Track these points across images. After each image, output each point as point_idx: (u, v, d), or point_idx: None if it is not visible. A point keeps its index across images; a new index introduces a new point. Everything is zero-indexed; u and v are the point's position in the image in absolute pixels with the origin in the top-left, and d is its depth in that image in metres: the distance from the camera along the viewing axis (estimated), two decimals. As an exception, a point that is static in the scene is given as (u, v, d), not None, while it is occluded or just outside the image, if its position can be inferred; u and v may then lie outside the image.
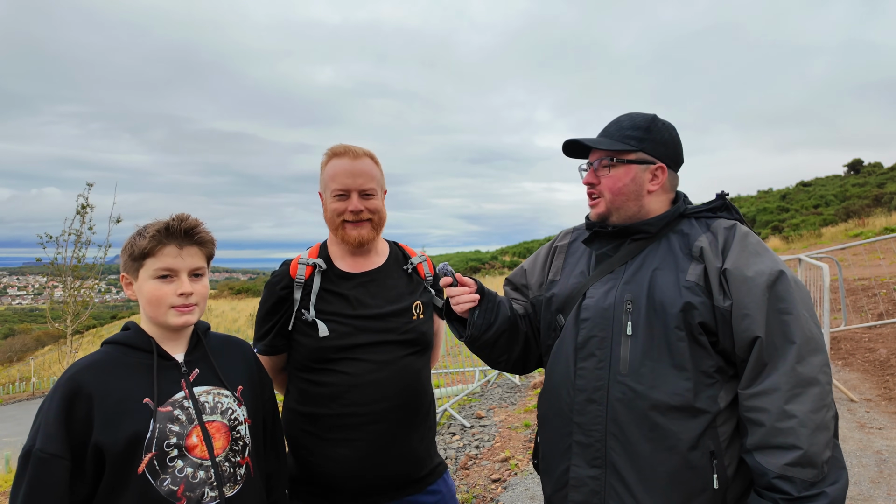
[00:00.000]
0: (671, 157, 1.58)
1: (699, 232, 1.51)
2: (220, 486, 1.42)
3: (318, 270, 1.86)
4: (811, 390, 1.31)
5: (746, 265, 1.40)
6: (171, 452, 1.36)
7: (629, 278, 1.50)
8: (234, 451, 1.47)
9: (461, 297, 1.63)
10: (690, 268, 1.45)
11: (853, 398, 5.43)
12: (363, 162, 1.83)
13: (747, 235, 1.47)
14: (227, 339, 1.66)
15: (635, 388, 1.42)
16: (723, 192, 1.61)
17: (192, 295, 1.46)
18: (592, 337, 1.50)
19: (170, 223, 1.45)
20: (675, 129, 1.61)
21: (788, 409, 1.30)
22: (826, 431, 1.31)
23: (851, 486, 3.70)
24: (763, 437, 1.32)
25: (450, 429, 5.85)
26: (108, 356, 1.41)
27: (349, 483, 1.78)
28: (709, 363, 1.41)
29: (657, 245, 1.53)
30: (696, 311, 1.39)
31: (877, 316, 8.41)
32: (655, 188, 1.56)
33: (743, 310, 1.37)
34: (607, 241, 1.61)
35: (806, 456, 1.28)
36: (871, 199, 30.47)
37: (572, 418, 1.50)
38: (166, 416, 1.38)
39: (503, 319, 1.68)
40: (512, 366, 1.78)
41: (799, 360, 1.33)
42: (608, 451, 1.44)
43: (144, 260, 1.43)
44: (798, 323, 1.35)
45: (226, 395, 1.50)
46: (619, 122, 1.61)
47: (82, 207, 8.82)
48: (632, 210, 1.56)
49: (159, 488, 1.34)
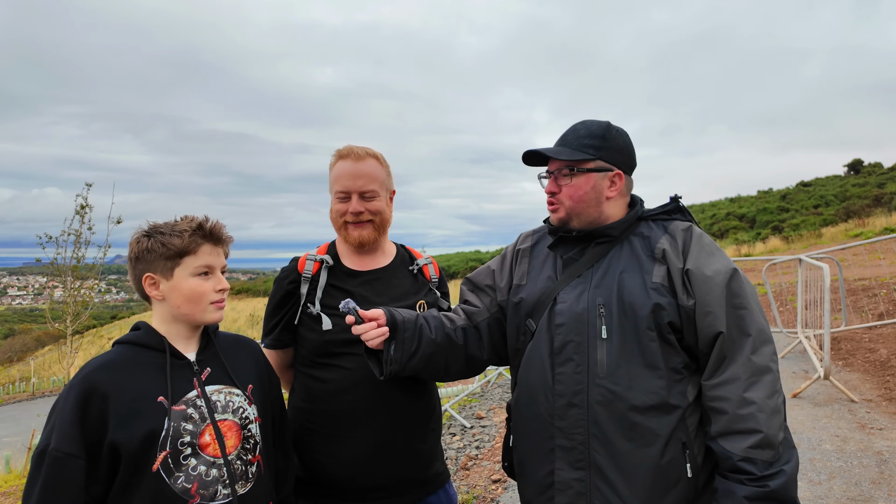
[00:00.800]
0: (626, 163, 1.65)
1: (658, 234, 1.59)
2: (233, 483, 1.43)
3: (326, 266, 1.89)
4: (765, 378, 1.42)
5: (705, 265, 1.49)
6: (185, 451, 1.38)
7: (598, 282, 1.56)
8: (245, 450, 1.49)
9: (369, 333, 1.60)
10: (655, 269, 1.52)
11: (854, 398, 5.43)
12: (365, 164, 1.85)
13: (702, 236, 1.57)
14: (236, 338, 1.67)
15: (614, 389, 1.46)
16: (676, 196, 1.69)
17: (226, 290, 1.53)
18: (569, 342, 1.52)
19: (203, 223, 1.50)
20: (628, 136, 1.68)
21: (747, 396, 1.41)
22: (779, 415, 1.42)
23: (852, 487, 3.70)
24: (726, 423, 1.42)
25: (450, 429, 5.85)
26: (121, 356, 1.43)
27: (350, 481, 1.78)
28: (677, 360, 1.49)
29: (620, 248, 1.60)
30: (665, 311, 1.47)
31: (877, 316, 8.41)
32: (614, 194, 1.62)
33: (706, 307, 1.46)
34: (572, 245, 1.66)
35: (765, 438, 1.38)
36: (872, 199, 30.47)
37: (553, 423, 1.52)
38: (180, 415, 1.39)
39: (428, 343, 1.67)
40: (453, 377, 1.81)
41: (754, 351, 1.44)
42: (591, 453, 1.48)
43: (182, 258, 1.46)
44: (752, 317, 1.46)
45: (237, 394, 1.51)
46: (575, 130, 1.66)
47: (81, 207, 8.82)
48: (592, 216, 1.62)
49: (173, 486, 1.35)
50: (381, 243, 1.95)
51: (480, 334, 1.77)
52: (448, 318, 1.78)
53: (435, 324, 1.72)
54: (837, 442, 4.46)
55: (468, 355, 1.76)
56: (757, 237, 29.99)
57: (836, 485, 3.75)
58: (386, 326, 1.63)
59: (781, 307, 9.98)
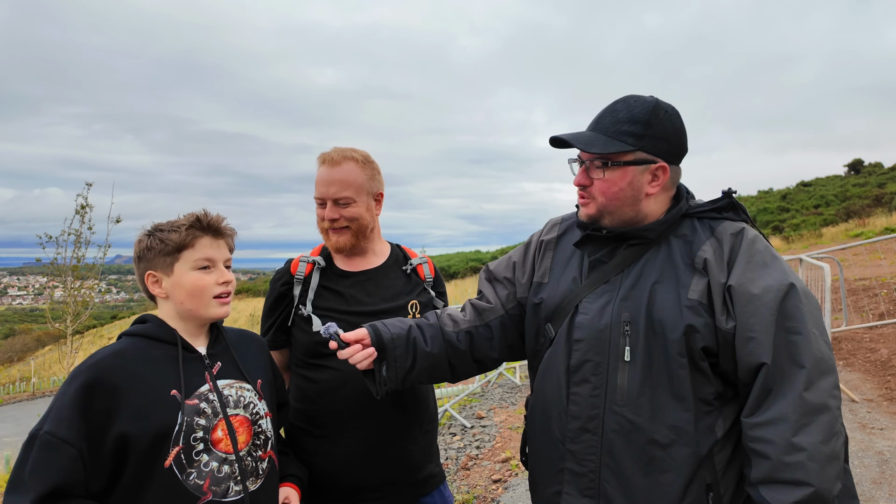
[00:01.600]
0: (673, 153, 1.40)
1: (703, 238, 1.37)
2: (244, 480, 1.41)
3: (318, 268, 1.90)
4: (821, 418, 1.21)
5: (752, 280, 1.27)
6: (198, 446, 1.36)
7: (626, 293, 1.37)
8: (256, 446, 1.47)
9: (355, 356, 1.51)
10: (693, 282, 1.32)
11: (855, 398, 5.43)
12: (341, 169, 1.82)
13: (755, 242, 1.34)
14: (243, 333, 1.66)
15: (633, 420, 1.31)
16: (730, 190, 1.43)
17: (230, 283, 1.50)
18: (587, 361, 1.37)
19: (201, 216, 1.46)
20: (678, 117, 1.41)
21: (797, 441, 1.19)
22: (836, 462, 1.21)
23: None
24: (769, 471, 1.22)
25: (450, 429, 5.85)
26: (132, 346, 1.39)
27: (341, 481, 1.78)
28: (708, 390, 1.31)
29: (656, 251, 1.39)
30: (699, 334, 1.28)
31: (878, 316, 8.40)
32: (655, 190, 1.39)
33: (748, 332, 1.25)
34: (601, 245, 1.45)
35: (817, 493, 1.18)
36: (872, 199, 30.46)
37: (565, 444, 1.40)
38: (193, 409, 1.37)
39: (424, 356, 1.55)
40: (463, 378, 1.69)
41: (808, 387, 1.22)
42: (602, 483, 1.35)
43: (181, 252, 1.43)
44: (808, 344, 1.23)
45: (248, 388, 1.50)
46: (614, 111, 1.40)
47: (81, 207, 8.81)
48: (628, 215, 1.41)
49: (185, 482, 1.33)
50: (370, 245, 1.94)
51: (492, 333, 1.63)
52: (452, 318, 1.64)
53: (431, 333, 1.59)
54: (838, 442, 4.47)
55: (475, 357, 1.63)
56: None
57: (837, 485, 3.75)
58: (372, 347, 1.52)
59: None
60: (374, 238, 1.95)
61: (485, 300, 1.67)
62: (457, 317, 1.65)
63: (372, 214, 1.90)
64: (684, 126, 1.43)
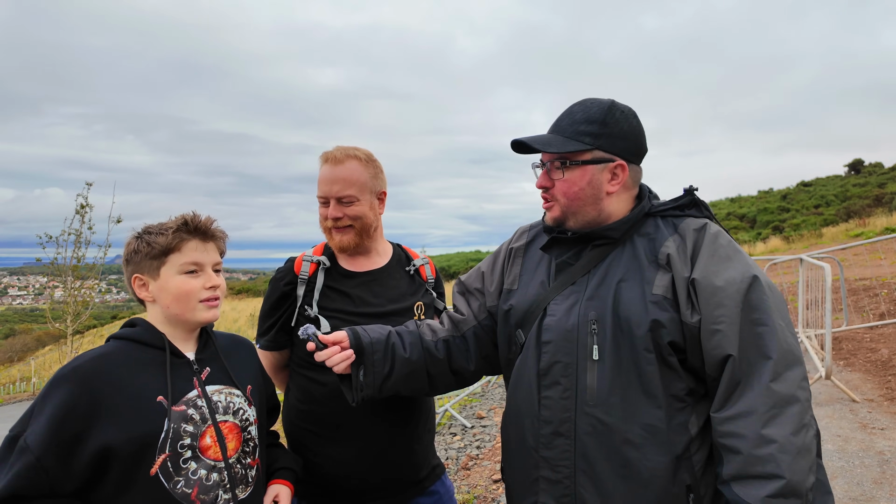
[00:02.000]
0: (632, 151, 1.42)
1: (666, 234, 1.38)
2: (234, 488, 1.39)
3: (322, 268, 1.87)
4: (790, 410, 1.21)
5: (716, 273, 1.28)
6: (185, 454, 1.33)
7: (592, 292, 1.37)
8: (245, 453, 1.45)
9: (333, 358, 1.49)
10: (657, 278, 1.32)
11: (855, 398, 5.42)
12: (344, 167, 1.81)
13: (718, 237, 1.35)
14: (232, 337, 1.63)
15: (605, 420, 1.30)
16: (691, 187, 1.46)
17: (219, 288, 1.45)
18: (556, 363, 1.36)
19: (188, 218, 1.42)
20: (635, 116, 1.44)
21: (766, 433, 1.19)
22: (808, 454, 1.21)
23: (854, 487, 3.70)
24: (741, 466, 1.21)
25: (451, 429, 5.84)
26: (118, 350, 1.36)
27: (348, 483, 1.77)
28: (679, 386, 1.30)
29: (621, 250, 1.40)
30: (665, 329, 1.28)
31: (878, 316, 8.40)
32: (616, 188, 1.41)
33: (713, 325, 1.25)
34: (567, 247, 1.47)
35: (789, 486, 1.17)
36: (872, 199, 30.45)
37: (538, 451, 1.38)
38: (180, 416, 1.34)
39: (402, 363, 1.54)
40: (440, 392, 1.66)
41: (775, 378, 1.22)
42: (578, 489, 1.32)
43: (167, 256, 1.40)
44: (774, 335, 1.23)
45: (237, 394, 1.47)
46: (571, 113, 1.43)
47: (81, 207, 8.82)
48: (590, 215, 1.42)
49: (173, 491, 1.30)
50: (373, 245, 1.93)
51: (467, 344, 1.63)
52: (431, 328, 1.65)
53: (410, 340, 1.58)
54: (839, 442, 4.46)
55: (453, 369, 1.61)
56: (757, 237, 29.97)
57: (837, 485, 3.75)
58: (350, 349, 1.51)
59: (782, 307, 9.96)
60: (377, 237, 1.94)
61: (459, 312, 1.68)
62: (435, 326, 1.66)
63: (375, 213, 1.89)
64: (642, 126, 1.45)
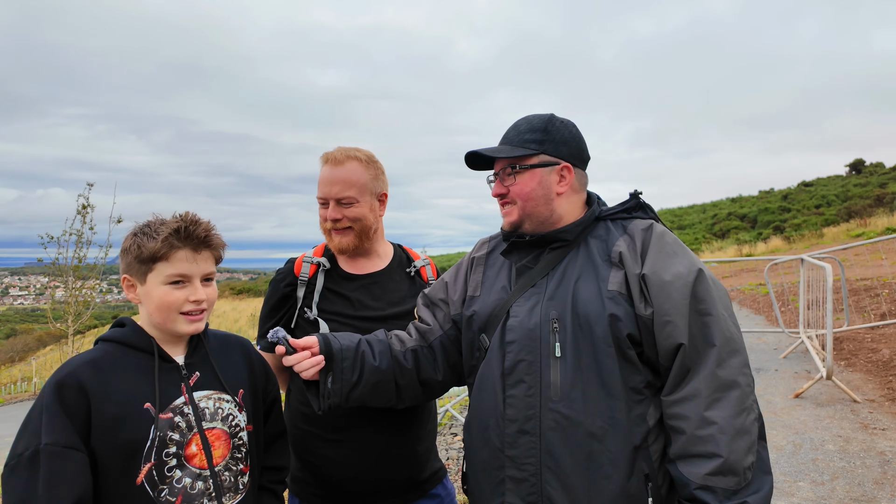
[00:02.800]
0: (575, 156, 1.53)
1: (616, 235, 1.47)
2: (220, 496, 1.37)
3: (322, 269, 1.86)
4: (731, 394, 1.29)
5: (665, 269, 1.37)
6: (170, 462, 1.30)
7: (552, 293, 1.44)
8: (235, 460, 1.42)
9: (302, 364, 1.49)
10: (611, 275, 1.40)
11: (856, 399, 5.41)
12: (344, 168, 1.80)
13: (664, 235, 1.44)
14: (226, 337, 1.58)
15: (568, 414, 1.34)
16: (636, 191, 1.57)
17: (204, 301, 1.39)
18: (520, 361, 1.41)
19: (182, 226, 1.36)
20: (574, 126, 1.57)
21: (708, 415, 1.28)
22: (747, 435, 1.28)
23: (855, 488, 3.69)
24: (684, 445, 1.30)
25: (451, 429, 5.84)
26: (107, 355, 1.33)
27: (349, 484, 1.77)
28: (637, 379, 1.37)
29: (576, 252, 1.49)
30: (622, 322, 1.35)
31: (879, 316, 8.38)
32: (564, 189, 1.51)
33: (664, 316, 1.33)
34: (526, 251, 1.55)
35: (726, 464, 1.25)
36: (873, 199, 30.43)
37: (504, 451, 1.40)
38: (167, 423, 1.31)
39: (371, 371, 1.55)
40: (407, 404, 1.67)
41: (719, 364, 1.30)
42: (544, 486, 1.35)
43: (155, 263, 1.34)
44: (718, 324, 1.33)
45: (227, 399, 1.43)
46: (517, 126, 1.56)
47: (83, 207, 8.83)
48: (543, 215, 1.51)
49: (157, 499, 1.28)
50: (373, 247, 1.92)
51: (434, 354, 1.65)
52: (399, 338, 1.67)
53: (380, 348, 1.60)
54: (840, 442, 4.44)
55: (421, 379, 1.63)
56: (758, 237, 29.95)
57: (838, 485, 3.73)
58: (321, 355, 1.51)
59: (783, 307, 9.96)
60: (377, 239, 1.92)
61: (424, 323, 1.71)
62: (403, 337, 1.68)
63: (375, 215, 1.87)
64: (582, 135, 1.58)
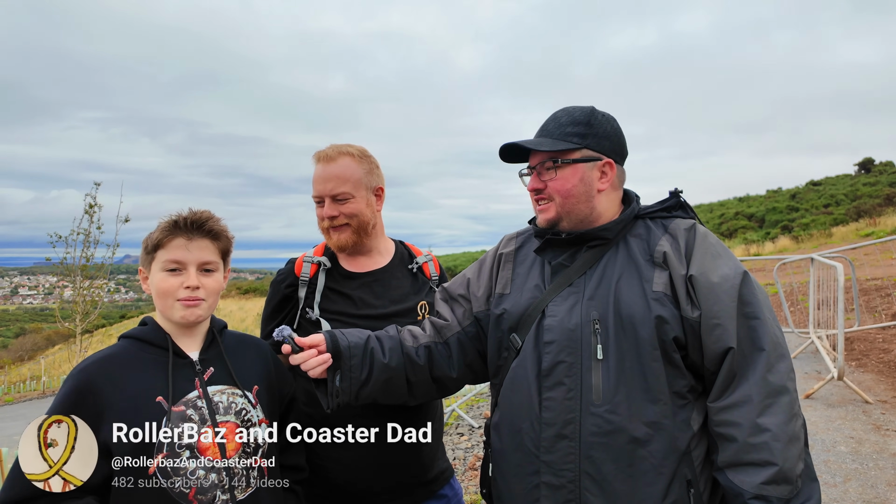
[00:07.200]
0: (617, 151, 1.48)
1: (658, 234, 1.42)
2: (232, 488, 1.39)
3: (323, 269, 1.85)
4: (782, 400, 1.26)
5: (712, 270, 1.33)
6: (184, 454, 1.34)
7: (592, 293, 1.38)
8: (246, 453, 1.45)
9: (309, 362, 1.47)
10: (655, 275, 1.35)
11: (868, 399, 5.35)
12: (337, 165, 1.78)
13: (707, 236, 1.41)
14: (243, 337, 1.62)
15: (612, 419, 1.29)
16: (677, 190, 1.52)
17: (199, 289, 1.43)
18: (560, 363, 1.35)
19: (180, 216, 1.45)
20: (615, 120, 1.50)
21: (761, 421, 1.24)
22: (798, 442, 1.26)
23: (868, 490, 3.64)
24: (736, 453, 1.26)
25: (458, 429, 5.82)
26: (123, 351, 1.41)
27: (355, 487, 1.75)
28: (682, 383, 1.33)
29: (616, 251, 1.43)
30: (668, 325, 1.30)
31: (890, 316, 8.30)
32: (605, 186, 1.45)
33: (713, 319, 1.29)
34: (561, 249, 1.48)
35: (781, 472, 1.22)
36: (883, 198, 30.18)
37: (539, 456, 1.34)
38: (179, 416, 1.35)
39: (381, 368, 1.51)
40: (420, 401, 1.63)
41: (769, 369, 1.27)
42: (583, 493, 1.30)
43: (156, 252, 1.43)
44: (765, 328, 1.29)
45: (240, 395, 1.47)
46: (556, 118, 1.49)
47: (90, 207, 8.88)
48: (583, 213, 1.45)
49: (170, 490, 1.32)
50: (373, 243, 1.89)
51: (450, 350, 1.60)
52: (412, 333, 1.62)
53: (390, 345, 1.55)
54: (852, 444, 4.39)
55: (434, 376, 1.58)
56: (766, 237, 29.76)
57: (851, 487, 3.69)
58: (328, 353, 1.48)
59: (792, 307, 9.88)
60: (376, 235, 1.90)
61: (441, 318, 1.65)
62: (417, 332, 1.63)
63: (372, 210, 1.85)
64: (622, 130, 1.52)
